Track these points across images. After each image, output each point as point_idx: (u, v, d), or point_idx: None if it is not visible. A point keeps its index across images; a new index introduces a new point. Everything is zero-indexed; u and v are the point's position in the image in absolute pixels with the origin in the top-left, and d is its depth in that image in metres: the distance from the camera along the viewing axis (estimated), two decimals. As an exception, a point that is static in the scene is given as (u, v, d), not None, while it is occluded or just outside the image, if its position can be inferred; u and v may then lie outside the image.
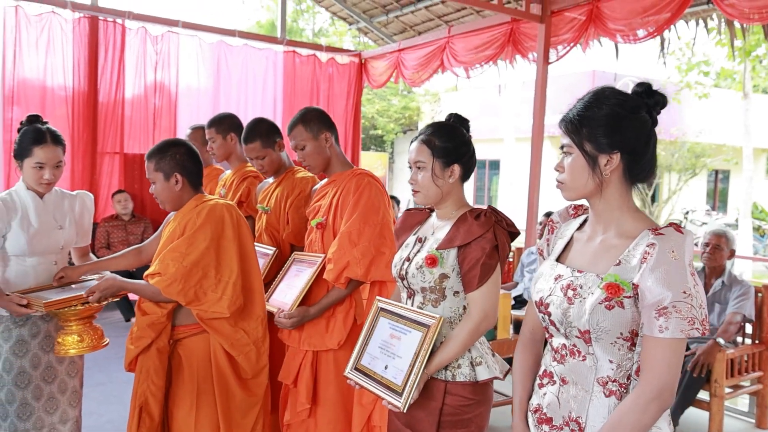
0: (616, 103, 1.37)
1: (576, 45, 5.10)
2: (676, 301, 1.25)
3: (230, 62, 6.68)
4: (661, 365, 1.27)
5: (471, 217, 1.78)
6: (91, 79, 5.84)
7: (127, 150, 6.13)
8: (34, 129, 2.34)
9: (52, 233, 2.40)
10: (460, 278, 1.77)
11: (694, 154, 13.48)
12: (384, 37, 7.58)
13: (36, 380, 2.37)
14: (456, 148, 1.84)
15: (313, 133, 2.44)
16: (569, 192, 1.42)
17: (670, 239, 1.28)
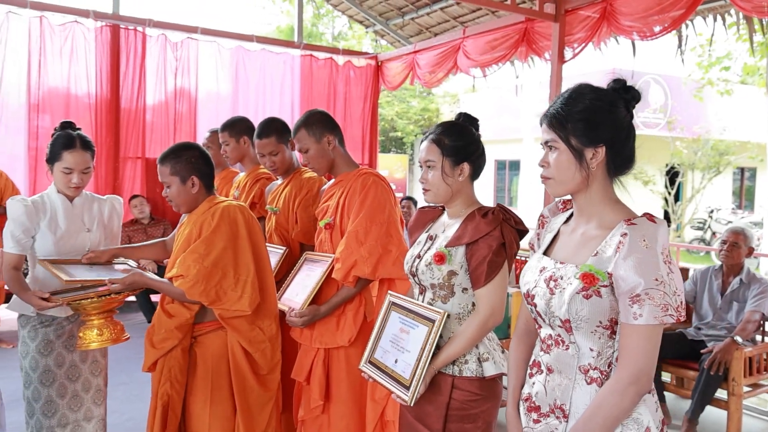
0: (596, 98, 1.41)
1: (589, 43, 5.08)
2: (649, 288, 1.28)
3: (248, 67, 6.78)
4: (637, 351, 1.31)
5: (479, 215, 1.82)
6: (113, 86, 5.98)
7: (148, 155, 6.26)
8: (65, 134, 2.42)
9: (79, 236, 2.47)
10: (468, 275, 1.81)
11: (718, 151, 13.26)
12: (400, 40, 7.62)
13: (60, 378, 2.44)
14: (465, 146, 1.87)
15: (316, 136, 2.48)
16: (556, 187, 1.46)
17: (641, 228, 1.32)
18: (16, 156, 5.56)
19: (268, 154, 2.81)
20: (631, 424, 1.36)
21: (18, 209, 2.36)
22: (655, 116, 13.27)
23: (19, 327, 2.45)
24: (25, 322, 2.43)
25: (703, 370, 3.45)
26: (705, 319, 3.87)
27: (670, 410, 3.83)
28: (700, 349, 3.64)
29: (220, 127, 3.31)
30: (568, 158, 1.41)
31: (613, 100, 1.42)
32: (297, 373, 2.56)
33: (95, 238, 2.52)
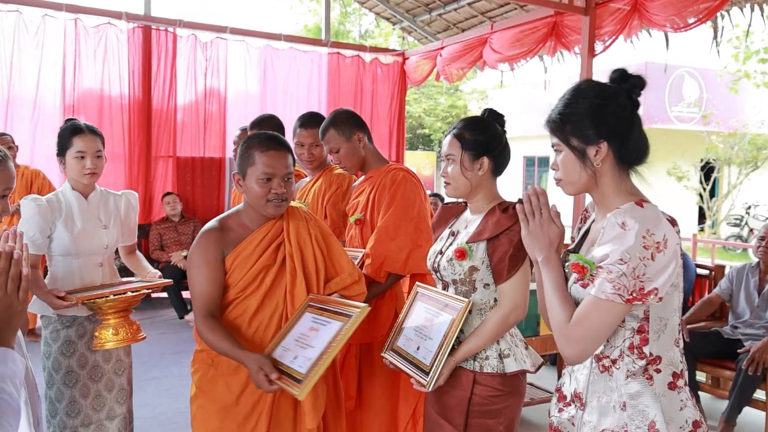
0: (594, 95, 1.42)
1: (618, 36, 5.00)
2: (611, 263, 1.30)
3: (276, 65, 6.84)
4: (581, 318, 1.35)
5: (499, 210, 1.81)
6: (145, 87, 6.10)
7: (179, 154, 6.37)
8: (71, 124, 2.43)
9: (96, 233, 2.43)
10: (490, 270, 1.80)
11: (756, 146, 12.89)
12: (428, 36, 7.59)
13: (83, 379, 2.44)
14: (486, 141, 1.86)
15: (346, 135, 2.48)
16: (567, 187, 1.48)
17: (624, 212, 1.33)
18: (53, 157, 5.69)
19: (309, 145, 2.80)
20: (635, 416, 1.35)
21: (31, 209, 2.32)
22: (690, 110, 12.97)
23: (42, 328, 2.46)
24: (47, 322, 2.42)
25: (740, 370, 3.36)
26: (742, 317, 3.77)
27: (706, 410, 3.74)
28: (737, 348, 3.55)
29: (249, 126, 3.35)
30: (571, 159, 1.43)
31: (613, 92, 1.42)
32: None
33: (112, 235, 2.50)
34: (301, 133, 2.82)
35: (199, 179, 6.49)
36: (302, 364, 1.69)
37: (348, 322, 1.71)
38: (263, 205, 1.88)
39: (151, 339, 2.42)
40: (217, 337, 1.80)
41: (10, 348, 1.11)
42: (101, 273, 2.47)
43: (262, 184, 1.85)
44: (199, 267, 1.86)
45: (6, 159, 1.52)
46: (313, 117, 2.84)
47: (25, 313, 1.16)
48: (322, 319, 1.80)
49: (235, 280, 1.88)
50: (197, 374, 1.95)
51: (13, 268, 1.12)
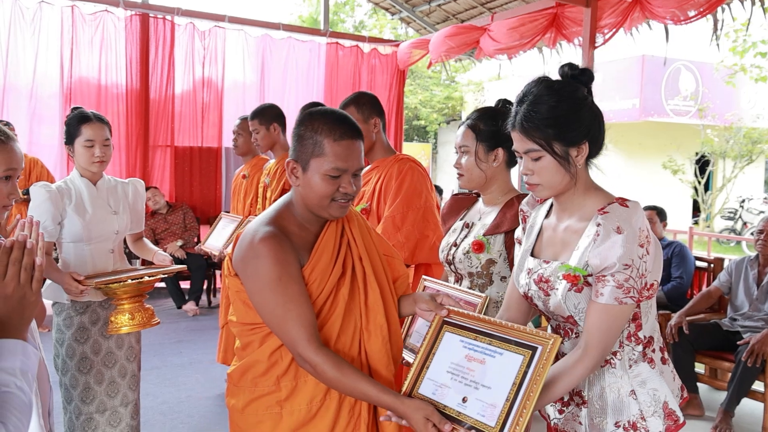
0: (567, 96, 1.38)
1: (620, 28, 4.98)
2: (616, 271, 1.29)
3: (274, 55, 6.79)
4: (598, 330, 1.33)
5: (518, 203, 1.79)
6: (143, 76, 6.04)
7: (177, 143, 6.33)
8: (79, 112, 2.44)
9: (107, 219, 2.46)
10: (507, 263, 1.79)
11: (751, 140, 12.92)
12: (426, 27, 7.55)
13: (97, 365, 2.47)
14: (500, 132, 1.84)
15: (364, 116, 2.48)
16: (546, 191, 1.44)
17: (614, 216, 1.32)
18: (50, 145, 5.66)
19: None
20: (649, 402, 1.37)
21: (42, 195, 2.35)
22: (686, 104, 12.98)
23: (54, 315, 2.48)
24: (60, 309, 2.44)
25: (740, 362, 3.38)
26: (741, 309, 3.79)
27: (704, 401, 3.77)
28: (736, 340, 3.58)
29: (250, 115, 3.33)
30: (554, 164, 1.38)
31: (576, 89, 1.40)
32: None
33: (123, 221, 2.53)
34: None
35: (197, 169, 6.46)
36: (483, 412, 1.28)
37: (537, 358, 1.27)
38: (326, 205, 1.50)
39: (149, 329, 2.45)
40: (352, 378, 1.39)
41: (23, 340, 1.09)
42: (112, 259, 2.51)
43: (330, 181, 1.48)
44: (284, 284, 1.42)
45: (9, 139, 1.50)
46: (318, 106, 2.83)
47: (38, 304, 1.13)
48: (482, 347, 1.38)
49: (312, 297, 1.48)
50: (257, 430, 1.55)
51: (26, 258, 1.09)
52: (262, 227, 1.49)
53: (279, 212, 1.56)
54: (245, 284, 1.47)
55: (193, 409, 3.67)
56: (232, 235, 3.41)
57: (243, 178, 3.68)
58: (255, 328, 1.51)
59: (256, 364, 1.53)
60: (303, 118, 1.54)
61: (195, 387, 4.01)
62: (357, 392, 1.41)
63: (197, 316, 5.77)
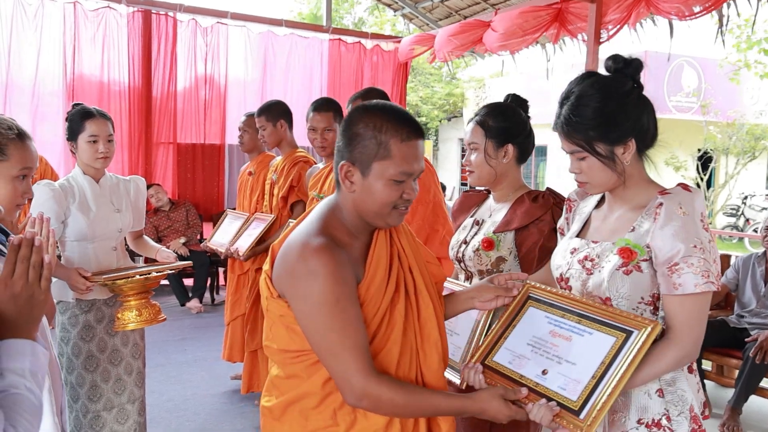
0: (606, 93, 1.34)
1: (625, 24, 4.96)
2: (687, 255, 1.25)
3: (277, 52, 6.77)
4: (683, 324, 1.28)
5: (528, 200, 1.78)
6: (145, 72, 6.02)
7: (180, 140, 6.31)
8: (81, 108, 2.43)
9: (110, 217, 2.45)
10: (517, 261, 1.77)
11: (754, 136, 12.89)
12: (429, 23, 7.52)
13: (103, 363, 2.46)
14: (510, 128, 1.83)
15: None
16: (595, 189, 1.44)
17: (677, 197, 1.30)
18: (52, 142, 5.64)
19: (322, 129, 2.79)
20: (676, 402, 1.34)
21: (45, 194, 2.33)
22: (688, 100, 12.96)
23: (58, 313, 2.47)
24: (65, 308, 2.43)
25: (748, 359, 3.37)
26: (748, 306, 3.78)
27: (711, 398, 3.76)
28: (743, 337, 3.56)
29: (257, 112, 3.31)
30: (599, 165, 1.37)
31: (621, 84, 1.37)
32: None
33: (126, 219, 2.52)
34: (315, 117, 2.79)
35: (199, 166, 6.44)
36: (565, 386, 1.27)
37: (631, 341, 1.24)
38: (386, 213, 1.32)
39: (153, 326, 2.47)
40: (420, 397, 1.28)
41: (33, 340, 1.06)
42: (115, 257, 2.50)
43: (394, 186, 1.30)
44: (343, 306, 1.23)
45: (24, 136, 1.48)
46: (327, 101, 2.84)
47: (47, 302, 1.10)
48: (569, 324, 1.36)
49: (366, 319, 1.30)
50: None
51: (34, 256, 1.06)
52: (313, 238, 1.26)
53: (326, 219, 1.33)
54: (293, 306, 1.27)
55: (199, 406, 3.66)
56: (239, 232, 3.40)
57: (249, 174, 3.66)
58: (301, 356, 1.31)
59: (306, 396, 1.33)
60: (359, 114, 1.33)
61: (200, 384, 4.00)
62: (427, 409, 1.29)
63: (201, 313, 5.76)
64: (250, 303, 3.44)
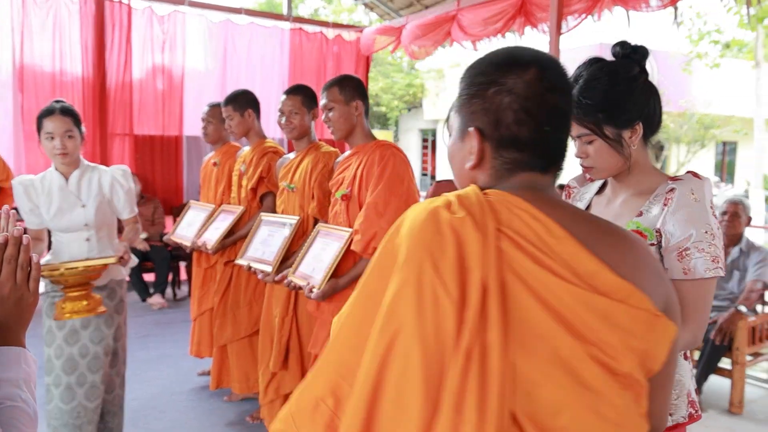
0: (615, 78, 1.35)
1: (588, 15, 5.03)
2: (698, 240, 1.27)
3: (237, 41, 6.62)
4: (692, 308, 1.29)
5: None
6: (99, 62, 5.80)
7: (136, 131, 6.12)
8: (47, 106, 2.47)
9: (73, 212, 2.47)
10: None
11: (703, 125, 13.36)
12: (390, 12, 7.49)
13: (81, 368, 2.49)
14: None
15: (346, 97, 2.44)
16: (601, 173, 1.43)
17: (689, 183, 1.32)
18: (3, 135, 5.40)
19: (289, 112, 2.81)
20: (676, 385, 1.37)
21: (17, 190, 2.47)
22: (641, 90, 13.30)
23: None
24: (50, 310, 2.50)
25: (708, 340, 3.49)
26: (706, 289, 3.91)
27: (672, 380, 3.88)
28: (703, 319, 3.68)
29: (224, 101, 3.23)
30: (607, 147, 1.37)
31: (629, 69, 1.37)
32: (314, 345, 2.53)
33: (90, 213, 2.51)
34: (283, 100, 2.82)
35: (158, 158, 6.26)
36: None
37: None
38: None
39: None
40: None
41: (23, 346, 1.00)
42: (87, 247, 2.51)
43: None
44: None
45: None
46: (297, 86, 2.87)
47: (36, 305, 1.03)
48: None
49: None
50: None
51: (22, 255, 0.99)
52: None
53: None
54: None
55: (166, 404, 3.58)
56: (205, 224, 3.32)
57: (214, 165, 3.57)
58: None
59: None
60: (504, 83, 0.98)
61: (166, 382, 3.91)
62: None
63: (163, 309, 5.62)
64: (218, 297, 3.36)
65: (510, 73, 0.88)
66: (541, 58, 0.89)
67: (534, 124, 0.87)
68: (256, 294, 3.32)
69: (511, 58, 0.89)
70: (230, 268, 3.34)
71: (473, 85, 0.92)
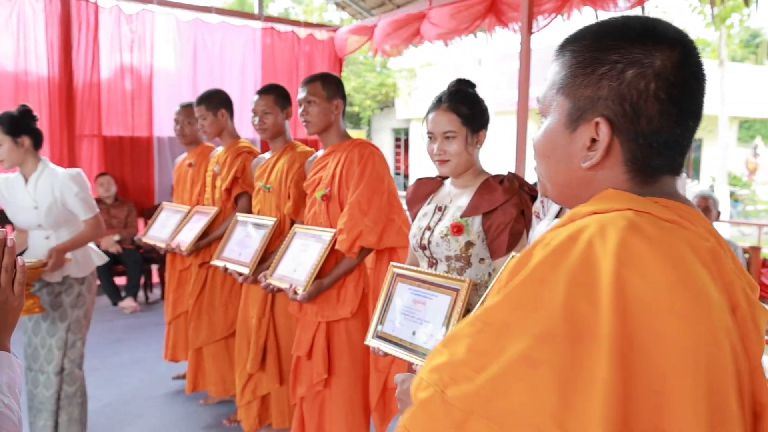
0: None
1: (558, 15, 5.10)
2: None
3: (207, 40, 6.54)
4: None
5: (495, 183, 1.78)
6: (65, 62, 5.67)
7: (105, 132, 6.00)
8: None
9: (28, 213, 2.60)
10: (485, 245, 1.77)
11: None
12: (362, 11, 7.48)
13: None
14: (482, 114, 1.84)
15: (329, 94, 2.43)
16: None
17: None
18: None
19: (262, 112, 2.78)
20: None
21: None
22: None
23: None
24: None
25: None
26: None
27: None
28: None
29: (196, 101, 3.19)
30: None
31: None
32: (298, 348, 2.51)
33: (41, 215, 2.58)
34: (256, 100, 2.79)
35: (128, 159, 6.14)
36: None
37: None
38: None
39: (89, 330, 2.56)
40: None
41: (7, 351, 0.97)
42: (47, 246, 2.59)
43: None
44: None
45: None
46: (270, 86, 2.83)
47: (21, 309, 1.00)
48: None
49: None
50: None
51: (6, 258, 0.96)
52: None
53: None
54: None
55: (141, 409, 3.52)
56: (179, 226, 3.27)
57: (189, 166, 3.52)
58: None
59: None
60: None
61: (140, 386, 3.84)
62: None
63: (135, 312, 5.53)
64: (193, 299, 3.32)
65: (655, 51, 0.72)
66: (685, 36, 0.74)
67: (681, 117, 0.74)
68: (231, 296, 3.29)
69: (654, 33, 0.73)
70: (205, 270, 3.30)
71: (597, 62, 0.75)
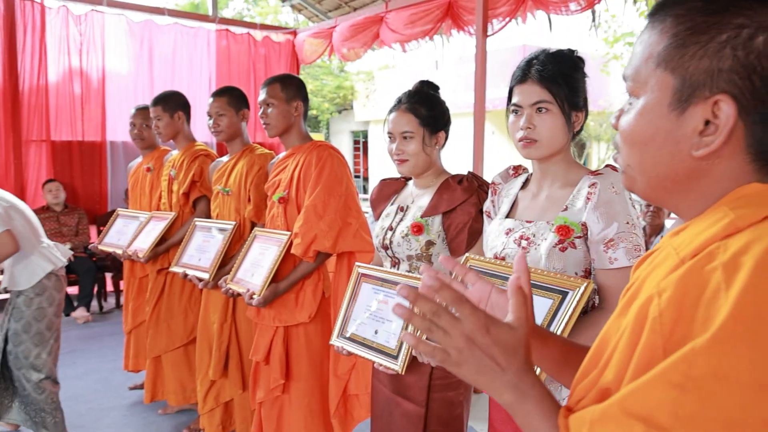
0: (582, 66, 1.47)
1: (513, 18, 5.19)
2: (621, 232, 1.33)
3: (159, 42, 6.40)
4: (617, 295, 1.32)
5: (454, 183, 1.80)
6: (10, 64, 5.47)
7: (54, 137, 5.80)
8: None
9: None
10: (446, 244, 1.79)
11: (620, 124, 14.08)
12: (318, 14, 7.46)
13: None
14: (441, 115, 1.86)
15: (288, 96, 2.40)
16: (542, 150, 1.44)
17: (609, 177, 1.37)
18: None
19: (216, 114, 2.74)
20: None
21: None
22: (563, 91, 13.89)
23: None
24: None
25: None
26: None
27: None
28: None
29: (152, 102, 3.12)
30: (561, 121, 1.42)
31: (583, 64, 1.48)
32: (255, 352, 2.48)
33: None
34: (210, 103, 2.76)
35: (78, 165, 5.95)
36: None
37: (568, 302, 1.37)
38: None
39: None
40: None
41: None
42: None
43: None
44: None
45: None
46: (224, 88, 2.80)
47: None
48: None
49: None
50: None
51: None
52: None
53: None
54: None
55: (97, 421, 3.41)
56: (137, 233, 3.18)
57: (147, 171, 3.43)
58: None
59: None
60: None
61: (96, 398, 3.72)
62: None
63: (89, 322, 5.36)
64: (151, 306, 3.24)
65: None
66: None
67: None
68: (191, 302, 3.22)
69: None
70: (163, 276, 3.22)
71: (716, 27, 0.61)
